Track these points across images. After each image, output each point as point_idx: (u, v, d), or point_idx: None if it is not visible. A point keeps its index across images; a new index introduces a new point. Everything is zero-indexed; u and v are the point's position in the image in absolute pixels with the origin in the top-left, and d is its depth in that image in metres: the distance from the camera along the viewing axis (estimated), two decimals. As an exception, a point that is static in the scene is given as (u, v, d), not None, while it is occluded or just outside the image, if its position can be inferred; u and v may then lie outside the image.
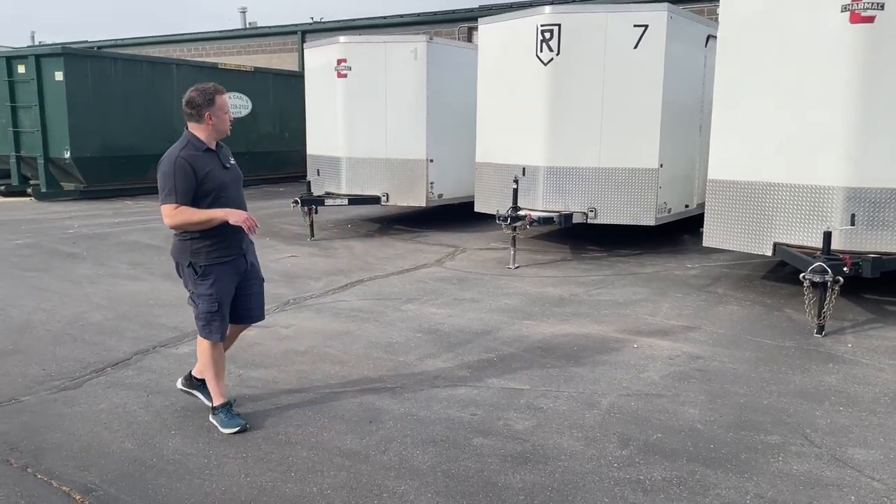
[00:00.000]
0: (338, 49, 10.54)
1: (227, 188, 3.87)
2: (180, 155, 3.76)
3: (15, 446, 3.73)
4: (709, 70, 9.32)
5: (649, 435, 3.91)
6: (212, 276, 3.84)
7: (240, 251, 3.95)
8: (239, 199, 3.98)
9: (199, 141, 3.85)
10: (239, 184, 4.07)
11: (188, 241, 3.83)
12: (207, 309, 3.88)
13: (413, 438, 3.87)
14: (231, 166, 4.01)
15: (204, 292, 3.86)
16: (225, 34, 26.62)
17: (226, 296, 3.92)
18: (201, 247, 3.81)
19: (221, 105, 3.89)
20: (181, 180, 3.70)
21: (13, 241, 9.61)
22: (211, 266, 3.83)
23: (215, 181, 3.80)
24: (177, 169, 3.71)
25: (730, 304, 6.75)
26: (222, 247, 3.84)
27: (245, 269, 4.01)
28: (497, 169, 9.40)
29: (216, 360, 4.00)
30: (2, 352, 5.21)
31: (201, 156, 3.81)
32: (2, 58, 14.13)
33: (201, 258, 3.82)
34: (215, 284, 3.85)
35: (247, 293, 4.08)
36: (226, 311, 3.95)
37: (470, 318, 6.23)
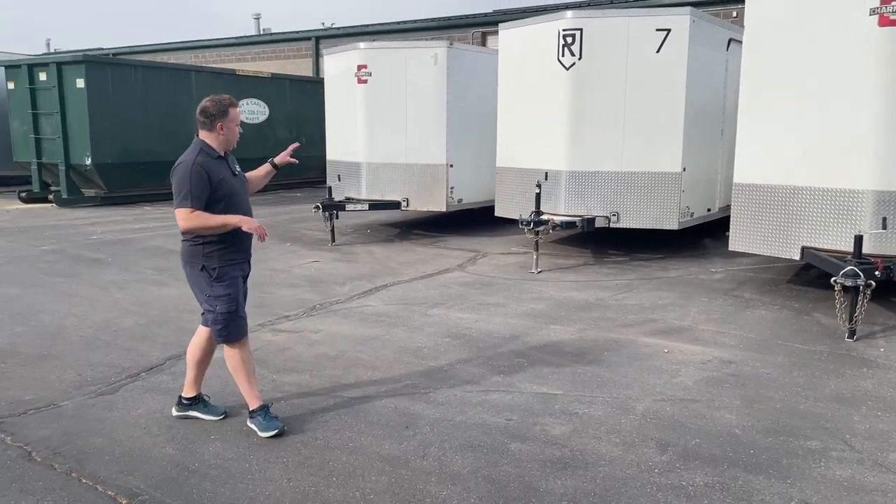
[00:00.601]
0: (358, 55, 10.59)
1: (236, 194, 4.00)
2: (196, 161, 3.85)
3: (58, 451, 3.77)
4: (730, 73, 9.34)
5: (688, 440, 3.90)
6: (227, 277, 3.94)
7: (247, 256, 4.10)
8: (246, 204, 4.13)
9: (210, 148, 3.95)
10: (245, 189, 4.20)
11: (200, 245, 3.92)
12: (227, 310, 3.95)
13: (451, 443, 3.88)
14: (238, 173, 4.12)
15: (221, 293, 3.94)
16: (239, 40, 26.81)
17: (241, 296, 4.03)
18: (213, 250, 3.90)
19: (234, 117, 4.00)
20: (196, 185, 3.79)
21: (39, 248, 9.70)
22: (224, 268, 3.93)
23: (227, 187, 3.92)
24: (193, 174, 3.80)
25: (757, 308, 6.72)
26: (233, 250, 3.95)
27: (248, 273, 4.15)
28: (518, 173, 9.41)
29: (245, 361, 4.06)
30: (37, 357, 5.26)
31: (214, 162, 3.92)
32: (24, 65, 14.29)
33: (214, 261, 3.91)
34: (231, 286, 3.94)
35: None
36: (243, 311, 4.05)
37: (497, 323, 6.24)
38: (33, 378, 4.84)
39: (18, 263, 8.68)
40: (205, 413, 4.20)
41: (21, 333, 5.84)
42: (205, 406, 4.23)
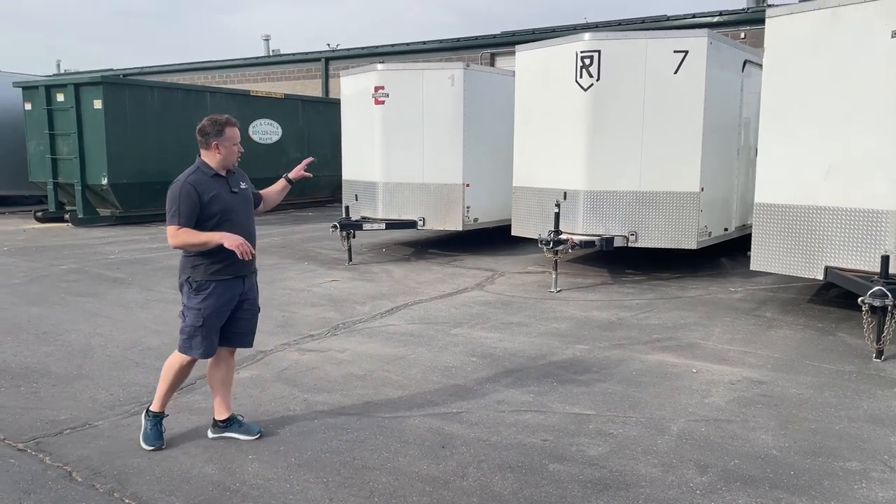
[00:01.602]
0: (375, 76, 10.69)
1: (233, 211, 4.01)
2: (188, 180, 3.92)
3: (97, 471, 3.77)
4: (746, 94, 9.43)
5: (726, 461, 3.90)
6: (205, 291, 3.96)
7: (238, 273, 4.05)
8: (246, 222, 4.11)
9: (207, 167, 4.01)
10: (249, 206, 4.21)
11: (190, 258, 3.99)
12: (192, 323, 3.98)
13: (489, 464, 3.88)
14: (241, 190, 4.13)
15: (193, 306, 3.98)
16: (249, 61, 27.07)
17: (214, 314, 3.99)
18: (200, 264, 3.95)
19: (231, 136, 4.03)
20: (185, 204, 3.86)
21: (59, 267, 9.76)
22: (206, 282, 3.96)
23: (220, 204, 3.95)
24: (182, 193, 3.88)
25: (781, 328, 6.71)
26: (220, 266, 3.96)
27: (241, 292, 4.11)
28: (536, 193, 9.46)
29: (180, 374, 4.11)
30: (68, 377, 5.29)
31: (208, 180, 3.97)
32: (41, 86, 14.44)
33: (198, 274, 3.96)
34: (206, 300, 3.96)
35: (236, 317, 4.15)
36: (211, 330, 4.01)
37: (521, 343, 6.25)
38: (66, 398, 4.86)
39: (41, 283, 8.72)
40: (240, 433, 4.21)
41: (49, 353, 5.86)
42: (239, 426, 4.25)
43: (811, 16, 6.60)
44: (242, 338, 4.25)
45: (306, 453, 4.00)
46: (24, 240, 12.59)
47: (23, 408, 4.66)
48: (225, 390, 4.26)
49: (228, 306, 4.06)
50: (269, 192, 4.48)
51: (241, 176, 4.21)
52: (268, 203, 4.47)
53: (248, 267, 4.10)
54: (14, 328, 6.62)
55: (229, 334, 4.16)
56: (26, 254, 10.93)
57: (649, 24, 18.05)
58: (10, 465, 3.83)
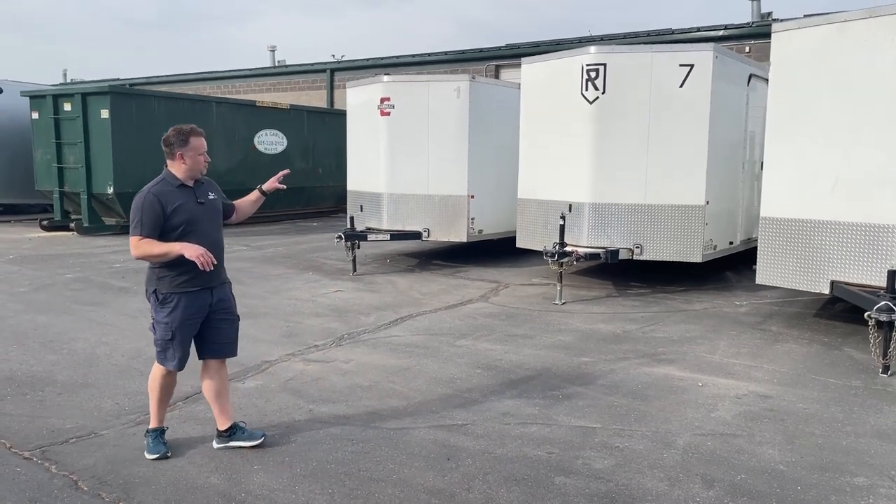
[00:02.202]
0: (381, 88, 10.75)
1: (198, 222, 3.99)
2: (151, 191, 3.92)
3: (103, 480, 3.77)
4: (751, 108, 9.45)
5: (733, 476, 3.88)
6: (170, 304, 3.96)
7: (205, 285, 4.02)
8: (212, 233, 4.08)
9: (173, 177, 4.00)
10: (216, 217, 4.17)
11: (156, 270, 3.99)
12: (162, 336, 4.01)
13: (494, 476, 3.87)
14: (208, 201, 4.10)
15: (161, 319, 3.99)
16: (255, 72, 27.20)
17: (182, 326, 3.99)
18: (165, 275, 3.95)
19: (196, 146, 4.01)
20: (147, 214, 3.86)
21: (65, 276, 9.78)
22: (171, 294, 3.95)
23: (184, 215, 3.93)
24: (145, 204, 3.88)
25: (787, 342, 6.70)
26: (186, 278, 3.94)
27: (210, 303, 4.08)
28: (540, 205, 9.47)
29: (164, 386, 4.14)
30: (73, 385, 5.29)
31: (173, 191, 3.96)
32: (49, 96, 14.54)
33: (164, 286, 3.96)
34: (172, 313, 3.95)
35: (213, 328, 4.13)
36: (182, 342, 4.02)
37: (526, 355, 6.24)
38: (71, 406, 4.86)
39: (46, 291, 8.75)
40: (245, 440, 4.20)
41: (55, 361, 5.87)
42: (243, 433, 4.23)
43: (817, 31, 6.63)
44: (225, 347, 4.23)
45: (312, 464, 4.00)
46: (30, 248, 12.63)
47: (29, 416, 4.67)
48: (222, 401, 4.25)
49: (197, 318, 4.05)
50: (242, 203, 4.47)
51: (210, 186, 4.19)
52: (240, 214, 4.46)
53: (215, 278, 4.08)
54: (20, 336, 6.63)
55: (211, 345, 4.17)
56: (32, 262, 10.96)
57: (654, 37, 18.13)
58: (17, 474, 3.84)
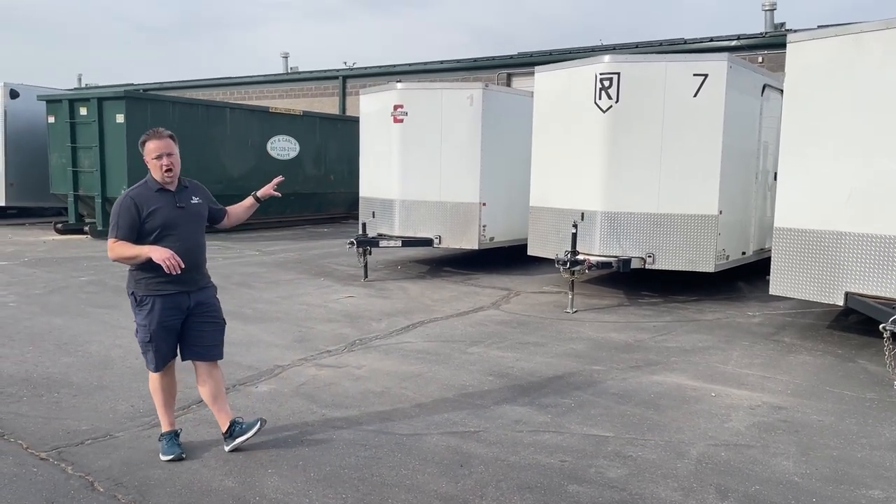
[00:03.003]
0: (395, 95, 10.80)
1: (176, 227, 4.03)
2: (129, 194, 4.01)
3: (119, 482, 3.80)
4: (765, 118, 9.43)
5: (747, 487, 3.87)
6: (146, 306, 4.02)
7: (182, 288, 4.05)
8: (191, 237, 4.11)
9: (153, 182, 4.07)
10: (197, 222, 4.19)
11: (134, 272, 4.05)
12: (142, 339, 4.10)
13: (507, 484, 3.87)
14: (189, 205, 4.13)
15: (139, 322, 4.08)
16: (268, 78, 27.38)
17: (160, 328, 4.04)
18: (141, 278, 4.01)
19: (149, 150, 4.01)
20: (124, 217, 3.94)
21: (79, 279, 9.86)
22: (147, 297, 4.01)
23: (160, 219, 3.98)
24: (122, 206, 3.96)
25: (800, 353, 6.66)
26: (161, 281, 3.97)
27: (188, 306, 4.11)
28: (553, 213, 9.48)
29: (163, 388, 4.21)
30: (89, 387, 5.33)
31: (152, 194, 4.02)
32: (65, 100, 14.67)
33: (140, 289, 4.03)
34: (149, 315, 4.02)
35: (195, 331, 4.17)
36: (161, 344, 4.08)
37: (538, 363, 6.24)
38: (87, 408, 4.90)
39: (61, 294, 8.82)
40: (248, 432, 4.21)
41: (70, 364, 5.92)
42: (241, 427, 4.25)
43: (833, 42, 6.62)
44: (208, 350, 4.25)
45: (325, 468, 4.01)
46: (45, 251, 12.74)
47: (45, 417, 4.71)
48: (219, 404, 4.29)
49: (173, 320, 4.08)
50: (235, 209, 4.53)
51: (195, 190, 4.23)
52: (233, 219, 4.52)
53: (192, 282, 4.11)
54: (36, 338, 6.69)
55: (193, 347, 4.21)
56: (46, 265, 11.06)
57: (667, 47, 18.12)
58: (33, 474, 3.87)
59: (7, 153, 16.62)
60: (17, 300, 8.38)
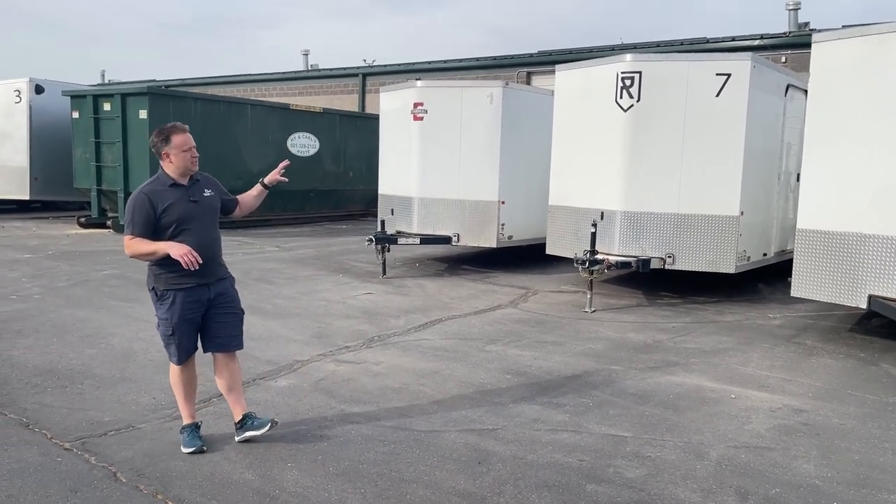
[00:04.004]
0: (415, 93, 10.81)
1: (191, 221, 4.05)
2: (143, 190, 4.02)
3: (141, 473, 3.85)
4: (788, 119, 9.34)
5: (767, 489, 3.84)
6: (168, 300, 4.05)
7: (201, 281, 4.08)
8: (206, 230, 4.12)
9: (166, 177, 4.08)
10: (211, 215, 4.22)
11: (153, 268, 4.08)
12: (164, 332, 4.13)
13: (525, 482, 3.87)
14: (202, 199, 4.14)
15: (161, 316, 4.11)
16: (288, 75, 27.52)
17: (182, 321, 4.08)
18: (161, 273, 4.04)
19: (178, 143, 4.03)
20: (139, 214, 3.95)
21: (101, 272, 9.98)
22: (168, 291, 4.04)
23: (176, 214, 3.99)
24: (137, 203, 3.97)
25: (822, 356, 6.60)
26: (179, 275, 4.00)
27: (209, 298, 4.15)
28: (572, 212, 9.45)
29: (184, 381, 4.23)
30: (112, 379, 5.40)
31: (165, 190, 4.03)
32: (89, 96, 14.86)
33: (161, 283, 4.05)
34: (171, 309, 4.05)
35: (216, 322, 4.21)
36: (183, 337, 4.12)
37: (556, 362, 6.23)
38: (110, 400, 4.97)
39: (84, 287, 8.94)
40: (256, 429, 4.26)
41: (94, 356, 6.00)
42: (253, 422, 4.30)
43: (858, 42, 6.54)
44: (229, 341, 4.30)
45: (344, 463, 4.04)
46: (68, 244, 12.92)
47: (69, 408, 4.78)
48: (235, 395, 4.34)
49: (195, 313, 4.13)
50: (245, 197, 4.57)
51: (206, 182, 4.25)
52: (244, 208, 4.55)
53: (210, 274, 4.13)
54: (60, 330, 6.79)
55: (215, 339, 4.25)
56: (70, 258, 11.21)
57: (688, 46, 17.99)
58: (58, 464, 3.93)
59: (32, 148, 16.88)
60: (42, 292, 8.51)
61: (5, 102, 17.05)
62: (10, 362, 5.74)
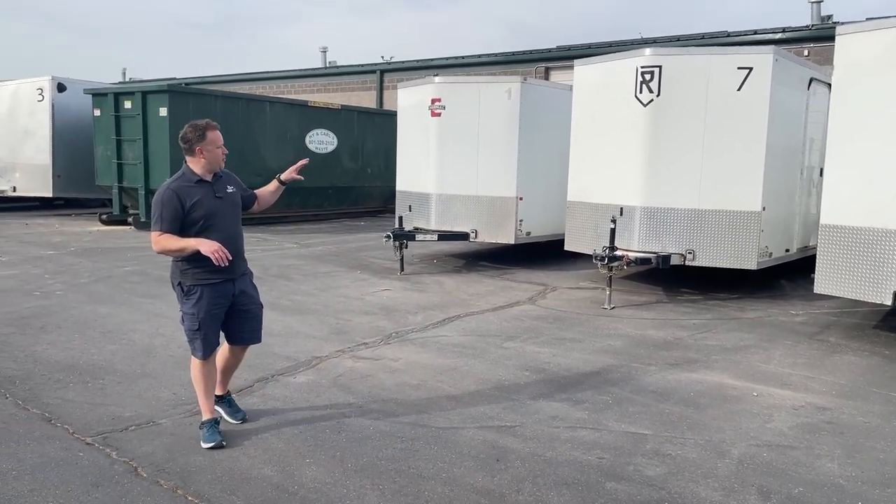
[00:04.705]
0: (433, 89, 10.79)
1: (216, 217, 4.10)
2: (170, 186, 4.04)
3: (162, 468, 3.88)
4: (811, 113, 9.20)
5: (790, 488, 3.78)
6: (195, 295, 4.09)
7: (227, 276, 4.15)
8: (231, 226, 4.19)
9: (192, 173, 4.12)
10: (234, 211, 4.28)
11: (178, 263, 4.12)
12: (189, 327, 4.16)
13: (544, 480, 3.85)
14: (226, 195, 4.21)
15: (188, 311, 4.14)
16: (307, 72, 27.61)
17: (208, 316, 4.13)
18: (188, 268, 4.08)
19: (213, 140, 4.11)
20: (167, 210, 3.98)
21: (123, 269, 10.08)
22: (195, 286, 4.08)
23: (202, 210, 4.04)
24: (164, 199, 3.99)
25: (846, 353, 6.50)
26: (206, 270, 4.05)
27: (234, 293, 4.23)
28: (591, 208, 9.38)
29: (205, 375, 4.27)
30: (132, 374, 5.45)
31: (192, 187, 4.06)
32: (110, 94, 15.00)
33: (188, 279, 4.09)
34: (198, 304, 4.09)
35: (239, 317, 4.30)
36: (208, 332, 4.17)
37: (575, 359, 6.19)
38: (131, 395, 5.01)
39: (106, 283, 9.03)
40: (225, 413, 4.50)
41: (115, 351, 6.06)
42: (228, 405, 4.54)
43: (883, 34, 6.41)
44: (252, 335, 4.44)
45: (362, 460, 4.04)
46: (90, 241, 13.06)
47: (91, 403, 4.83)
48: (226, 374, 4.55)
49: (221, 308, 4.20)
50: (262, 193, 4.63)
51: (228, 179, 4.30)
52: (262, 203, 4.62)
53: (235, 270, 4.21)
54: (82, 326, 6.86)
55: (240, 333, 4.36)
56: (92, 254, 11.33)
57: (709, 40, 17.80)
58: (79, 458, 3.97)
59: (54, 146, 17.08)
60: (64, 289, 8.61)
61: (28, 101, 17.26)
62: (33, 358, 5.81)
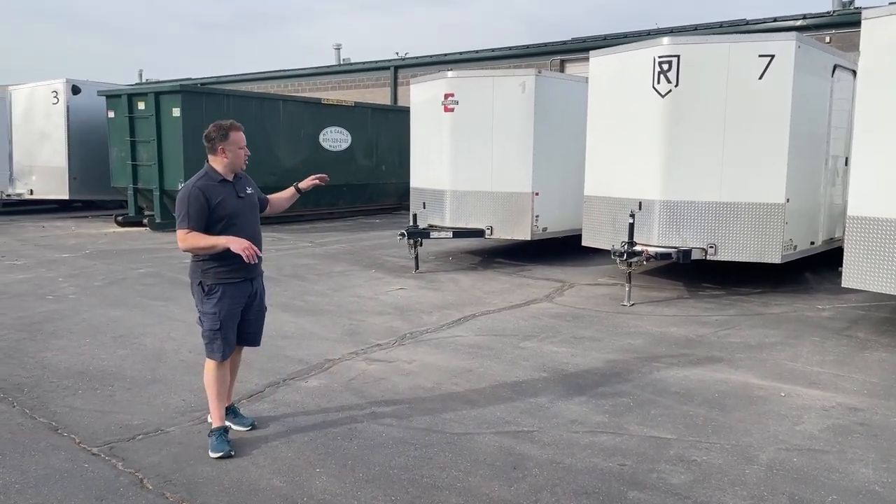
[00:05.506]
0: (445, 84, 10.62)
1: (238, 216, 4.09)
2: (196, 185, 4.02)
3: (168, 479, 3.77)
4: (835, 101, 8.92)
5: (823, 496, 3.60)
6: (216, 294, 4.05)
7: (248, 275, 4.15)
8: (251, 226, 4.17)
9: (215, 172, 4.10)
10: (254, 211, 4.27)
11: (200, 262, 4.07)
12: (210, 327, 4.10)
13: (563, 489, 3.69)
14: (246, 195, 4.20)
15: (208, 311, 4.09)
16: (320, 70, 27.55)
17: (229, 316, 4.11)
18: (210, 267, 4.04)
19: (236, 140, 4.11)
20: (194, 207, 3.95)
21: (137, 270, 10.04)
22: (217, 285, 4.05)
23: (226, 209, 4.03)
24: (191, 197, 3.96)
25: (876, 350, 6.26)
26: (229, 269, 4.04)
27: (251, 293, 4.22)
28: (608, 202, 9.18)
29: (219, 379, 4.20)
30: (142, 380, 5.36)
31: (216, 186, 4.05)
32: (124, 95, 15.00)
33: (209, 278, 4.05)
34: (220, 303, 4.05)
35: (248, 318, 4.28)
36: (228, 332, 4.13)
37: (594, 359, 6.02)
38: (139, 402, 4.91)
39: (119, 286, 8.98)
40: (234, 423, 4.38)
41: (125, 356, 5.98)
42: (234, 416, 4.43)
43: (913, 16, 6.16)
44: (252, 337, 4.40)
45: (374, 469, 3.91)
46: (105, 243, 13.05)
47: (98, 411, 4.74)
48: (231, 383, 4.46)
49: (240, 308, 4.19)
50: (276, 198, 4.60)
51: (247, 181, 4.30)
52: (274, 208, 4.58)
53: (255, 269, 4.21)
54: (93, 330, 6.79)
55: (244, 334, 4.34)
56: (107, 257, 11.31)
57: (727, 28, 17.46)
58: (84, 470, 3.87)
59: (70, 148, 17.13)
60: (77, 292, 8.57)
61: (44, 104, 17.33)
62: (42, 364, 5.74)
